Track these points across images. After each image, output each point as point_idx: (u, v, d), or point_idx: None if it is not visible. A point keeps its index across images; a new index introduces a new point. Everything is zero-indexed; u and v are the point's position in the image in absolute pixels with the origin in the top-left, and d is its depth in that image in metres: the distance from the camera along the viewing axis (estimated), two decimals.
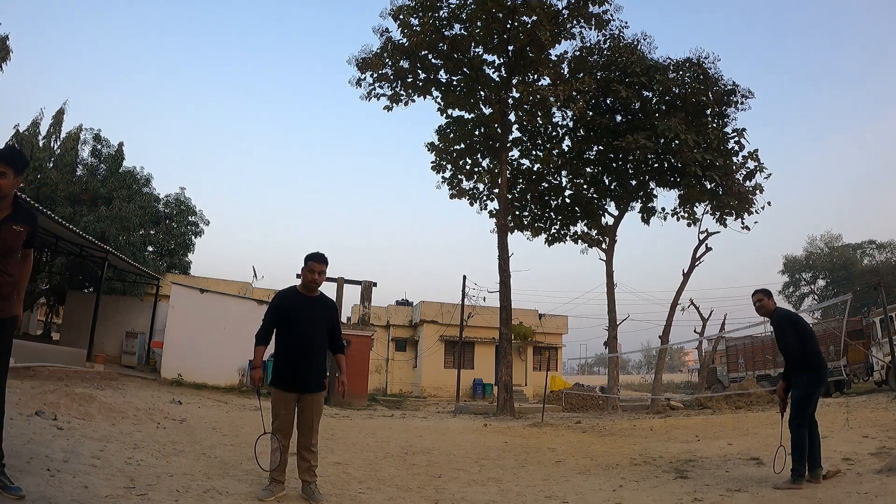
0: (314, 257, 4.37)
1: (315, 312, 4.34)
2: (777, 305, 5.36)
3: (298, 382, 4.21)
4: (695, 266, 19.72)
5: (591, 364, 74.52)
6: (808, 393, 4.93)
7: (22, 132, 21.86)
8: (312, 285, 4.39)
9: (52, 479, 3.66)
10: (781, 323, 5.14)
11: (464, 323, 26.97)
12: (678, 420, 13.17)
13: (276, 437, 4.18)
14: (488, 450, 7.99)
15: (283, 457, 4.19)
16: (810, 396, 4.95)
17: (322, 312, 4.39)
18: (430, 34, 17.56)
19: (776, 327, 5.19)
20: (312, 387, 4.26)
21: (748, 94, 18.96)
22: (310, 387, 4.24)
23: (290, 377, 4.21)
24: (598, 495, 4.89)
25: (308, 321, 4.27)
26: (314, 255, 4.38)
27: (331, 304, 4.54)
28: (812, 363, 4.97)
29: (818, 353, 5.10)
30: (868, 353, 16.84)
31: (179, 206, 24.05)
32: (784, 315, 5.25)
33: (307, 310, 4.31)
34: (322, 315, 4.38)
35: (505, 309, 18.16)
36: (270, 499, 4.06)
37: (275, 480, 4.19)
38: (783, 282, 44.70)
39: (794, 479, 4.71)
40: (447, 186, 20.81)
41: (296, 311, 4.27)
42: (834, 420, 8.86)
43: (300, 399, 4.24)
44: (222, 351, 16.70)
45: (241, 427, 8.44)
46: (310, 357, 4.24)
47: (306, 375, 4.22)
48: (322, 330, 4.35)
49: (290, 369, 4.21)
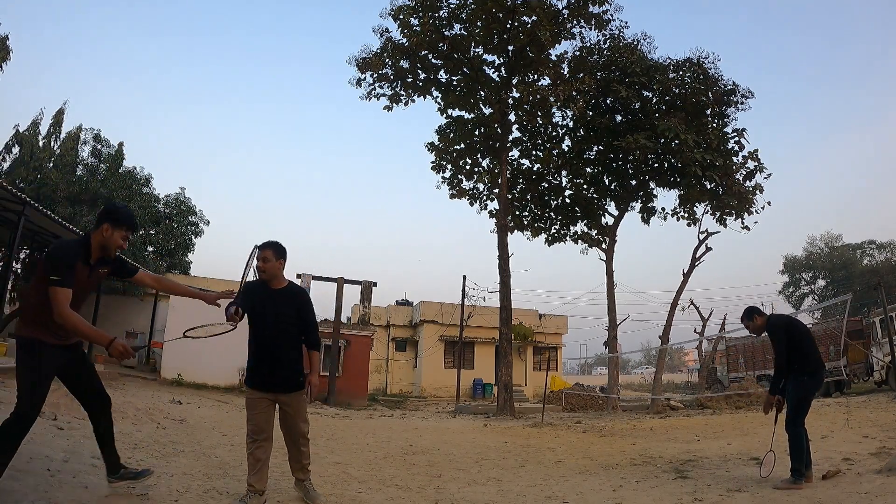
0: (265, 245, 4.04)
1: (279, 307, 3.98)
2: (769, 315, 5.43)
3: (269, 382, 3.95)
4: (695, 266, 19.73)
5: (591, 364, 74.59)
6: (806, 394, 4.93)
7: (22, 132, 21.83)
8: (263, 275, 4.02)
9: (52, 479, 3.66)
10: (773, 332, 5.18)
11: (464, 323, 26.97)
12: (678, 420, 13.17)
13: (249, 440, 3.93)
14: (488, 450, 7.99)
15: (260, 463, 3.89)
16: (808, 397, 4.96)
17: (288, 307, 4.02)
18: (430, 34, 17.57)
19: (770, 338, 5.23)
20: (286, 386, 3.98)
21: (748, 94, 18.99)
22: (282, 386, 3.97)
23: (259, 376, 3.96)
24: (598, 495, 4.89)
25: (273, 315, 3.95)
26: (266, 244, 4.06)
27: (300, 295, 4.16)
28: (810, 365, 4.97)
29: (816, 354, 5.09)
30: (868, 353, 16.83)
31: (179, 206, 24.03)
32: (774, 323, 5.27)
33: (272, 303, 3.97)
34: (288, 308, 4.01)
35: (505, 309, 18.16)
36: None
37: (251, 489, 3.85)
38: (783, 282, 44.74)
39: (794, 479, 4.71)
40: (447, 186, 20.85)
41: (260, 306, 3.93)
42: (834, 420, 8.86)
43: (277, 400, 4.01)
44: (222, 351, 16.63)
45: (241, 427, 8.40)
46: (278, 355, 3.94)
47: (275, 374, 3.94)
48: (291, 324, 4.01)
49: (259, 369, 3.95)
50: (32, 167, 21.11)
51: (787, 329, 5.14)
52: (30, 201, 11.72)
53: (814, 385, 5.02)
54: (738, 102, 18.94)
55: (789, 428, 4.89)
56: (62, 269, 3.11)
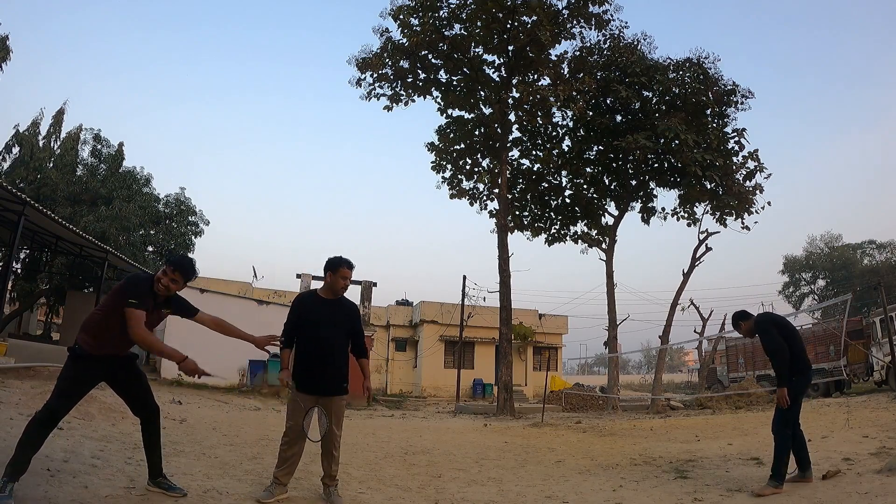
0: (347, 263, 4.32)
1: (335, 316, 4.29)
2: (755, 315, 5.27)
3: (316, 385, 4.19)
4: (695, 266, 19.72)
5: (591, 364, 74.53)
6: (796, 394, 4.81)
7: (22, 132, 21.84)
8: (342, 291, 4.37)
9: (52, 479, 3.66)
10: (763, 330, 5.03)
11: (464, 323, 26.95)
12: (678, 420, 13.17)
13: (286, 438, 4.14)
14: (488, 450, 7.99)
15: (291, 459, 4.16)
16: (798, 398, 4.85)
17: (342, 316, 4.33)
18: (430, 34, 17.57)
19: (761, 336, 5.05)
20: (331, 390, 4.23)
21: (748, 95, 18.98)
22: (328, 390, 4.22)
23: (307, 380, 4.19)
24: (598, 495, 4.89)
25: (327, 324, 4.23)
26: (346, 260, 4.33)
27: (353, 308, 4.48)
28: (798, 366, 4.86)
29: (804, 354, 4.98)
30: (868, 353, 16.83)
31: (179, 206, 24.02)
32: (762, 321, 5.15)
33: (327, 313, 4.27)
34: (342, 319, 4.32)
35: (505, 309, 18.16)
36: (270, 500, 4.03)
37: (277, 482, 4.15)
38: (783, 282, 44.75)
39: (774, 483, 4.57)
40: (447, 186, 20.84)
41: (315, 315, 4.24)
42: (834, 420, 8.87)
43: (320, 402, 4.21)
44: (222, 351, 16.49)
45: (241, 427, 8.45)
46: (328, 360, 4.20)
47: (323, 378, 4.20)
48: (342, 333, 4.31)
49: (308, 372, 4.19)
50: (32, 167, 21.11)
51: (776, 324, 5.08)
52: (30, 201, 11.71)
53: (802, 385, 4.93)
54: (738, 102, 18.94)
55: (776, 428, 4.80)
56: (140, 295, 3.58)
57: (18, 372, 9.74)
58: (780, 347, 4.81)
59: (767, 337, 4.95)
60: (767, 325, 5.02)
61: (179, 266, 3.76)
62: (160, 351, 3.66)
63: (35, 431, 3.33)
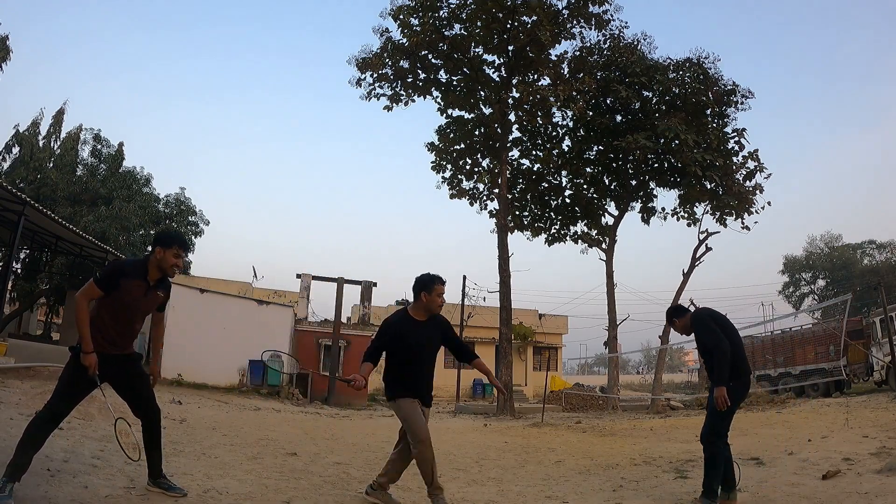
0: (439, 279, 4.19)
1: (429, 336, 4.19)
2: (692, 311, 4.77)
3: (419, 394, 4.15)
4: (695, 266, 19.74)
5: (591, 364, 74.48)
6: (732, 402, 4.26)
7: (22, 132, 21.83)
8: (439, 310, 4.26)
9: (52, 479, 3.66)
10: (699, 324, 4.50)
11: (464, 323, 26.96)
12: (678, 420, 13.17)
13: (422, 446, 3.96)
14: (488, 450, 7.99)
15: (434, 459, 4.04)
16: (733, 406, 4.30)
17: (435, 334, 4.23)
18: (430, 34, 17.59)
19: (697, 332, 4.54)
20: (428, 400, 4.26)
21: (748, 94, 19.03)
22: (427, 399, 4.23)
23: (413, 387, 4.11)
24: (598, 495, 4.89)
25: (421, 346, 4.14)
26: (437, 276, 4.20)
27: (443, 322, 4.37)
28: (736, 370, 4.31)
29: (743, 356, 4.47)
30: (868, 353, 16.83)
31: (179, 206, 24.01)
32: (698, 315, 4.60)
33: (422, 335, 4.15)
34: (435, 337, 4.23)
35: (505, 309, 18.18)
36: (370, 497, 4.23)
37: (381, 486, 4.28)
38: (783, 282, 44.73)
39: (706, 499, 4.19)
40: (447, 186, 20.87)
41: (409, 338, 4.10)
42: (834, 420, 8.87)
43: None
44: (222, 351, 16.68)
45: (241, 427, 8.44)
46: (423, 373, 4.19)
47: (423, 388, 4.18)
48: (433, 351, 4.26)
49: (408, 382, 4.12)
50: (32, 167, 21.10)
51: (715, 319, 4.50)
52: (30, 201, 11.71)
53: (740, 392, 4.40)
54: (738, 102, 18.99)
55: (707, 439, 4.32)
56: (106, 273, 3.57)
57: (18, 372, 9.73)
58: (721, 343, 4.25)
59: (706, 331, 4.39)
60: (706, 320, 4.47)
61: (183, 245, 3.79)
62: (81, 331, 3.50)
63: (36, 431, 3.32)
